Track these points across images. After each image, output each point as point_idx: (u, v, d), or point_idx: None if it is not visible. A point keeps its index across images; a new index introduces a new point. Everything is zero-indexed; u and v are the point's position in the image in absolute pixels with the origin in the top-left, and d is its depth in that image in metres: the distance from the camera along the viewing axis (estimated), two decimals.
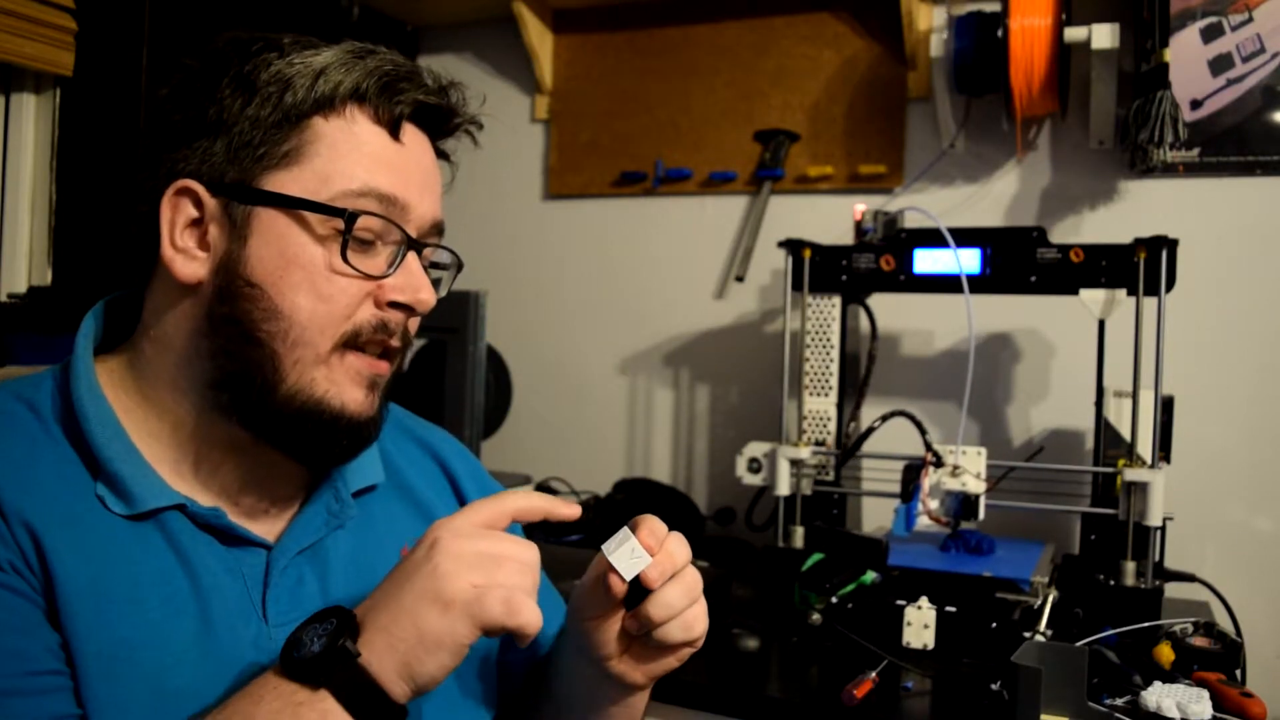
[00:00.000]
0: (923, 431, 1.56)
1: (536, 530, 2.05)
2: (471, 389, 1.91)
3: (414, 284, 0.77)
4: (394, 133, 0.77)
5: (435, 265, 0.85)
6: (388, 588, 0.68)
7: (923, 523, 1.54)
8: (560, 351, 2.33)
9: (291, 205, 0.73)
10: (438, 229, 0.81)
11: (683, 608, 0.76)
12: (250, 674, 0.73)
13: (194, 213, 0.75)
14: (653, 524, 0.76)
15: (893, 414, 1.61)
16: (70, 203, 1.86)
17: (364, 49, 0.77)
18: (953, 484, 1.53)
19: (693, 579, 0.77)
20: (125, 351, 0.80)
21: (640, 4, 2.22)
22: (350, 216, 0.73)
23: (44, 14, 1.71)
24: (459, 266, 0.88)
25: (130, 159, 0.78)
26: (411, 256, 0.78)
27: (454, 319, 1.91)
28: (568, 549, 1.89)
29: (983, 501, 1.53)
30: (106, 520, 0.72)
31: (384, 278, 0.76)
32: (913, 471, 1.56)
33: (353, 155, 0.75)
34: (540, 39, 2.28)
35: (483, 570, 0.66)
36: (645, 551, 0.74)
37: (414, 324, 0.80)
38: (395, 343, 0.78)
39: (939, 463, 1.54)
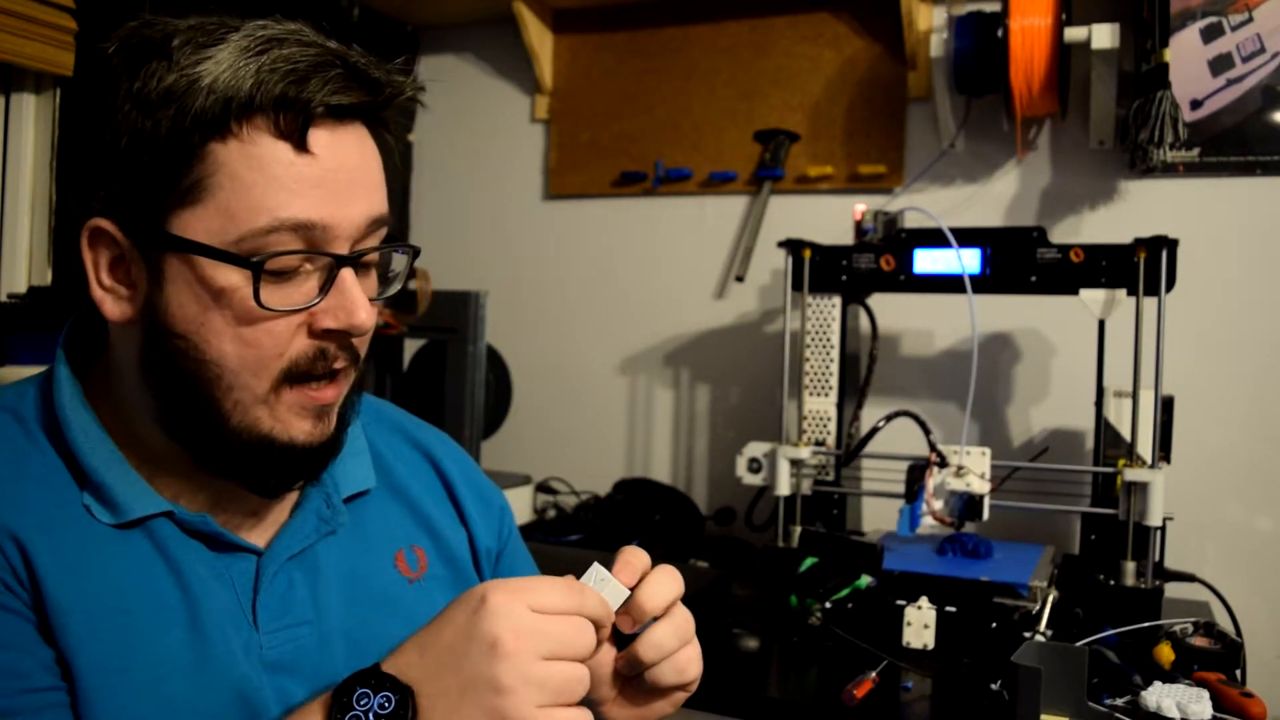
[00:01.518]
0: (927, 432, 1.56)
1: (536, 530, 2.05)
2: (471, 389, 1.91)
3: (347, 307, 0.70)
4: (300, 144, 0.68)
5: (389, 246, 0.77)
6: (441, 673, 0.63)
7: (927, 523, 1.54)
8: (560, 351, 2.33)
9: (194, 252, 0.67)
10: (376, 224, 0.73)
11: (673, 649, 0.73)
12: (242, 682, 0.72)
13: (113, 251, 0.70)
14: (629, 555, 0.72)
15: (897, 414, 1.61)
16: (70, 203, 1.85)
17: (264, 41, 0.67)
18: (957, 484, 1.53)
19: (683, 619, 0.74)
20: (99, 370, 0.78)
21: (640, 4, 2.22)
22: (255, 265, 0.67)
23: (44, 14, 1.71)
24: (415, 253, 0.79)
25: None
26: (345, 274, 0.71)
27: (454, 319, 1.91)
28: (569, 549, 1.90)
29: (987, 502, 1.53)
30: (94, 530, 0.71)
31: (313, 306, 0.70)
32: (917, 472, 1.55)
33: (257, 185, 0.67)
34: (540, 39, 2.28)
35: (551, 693, 0.63)
36: (623, 586, 0.71)
37: (362, 342, 0.75)
38: (339, 365, 0.73)
39: (943, 463, 1.53)
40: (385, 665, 0.65)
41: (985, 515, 1.53)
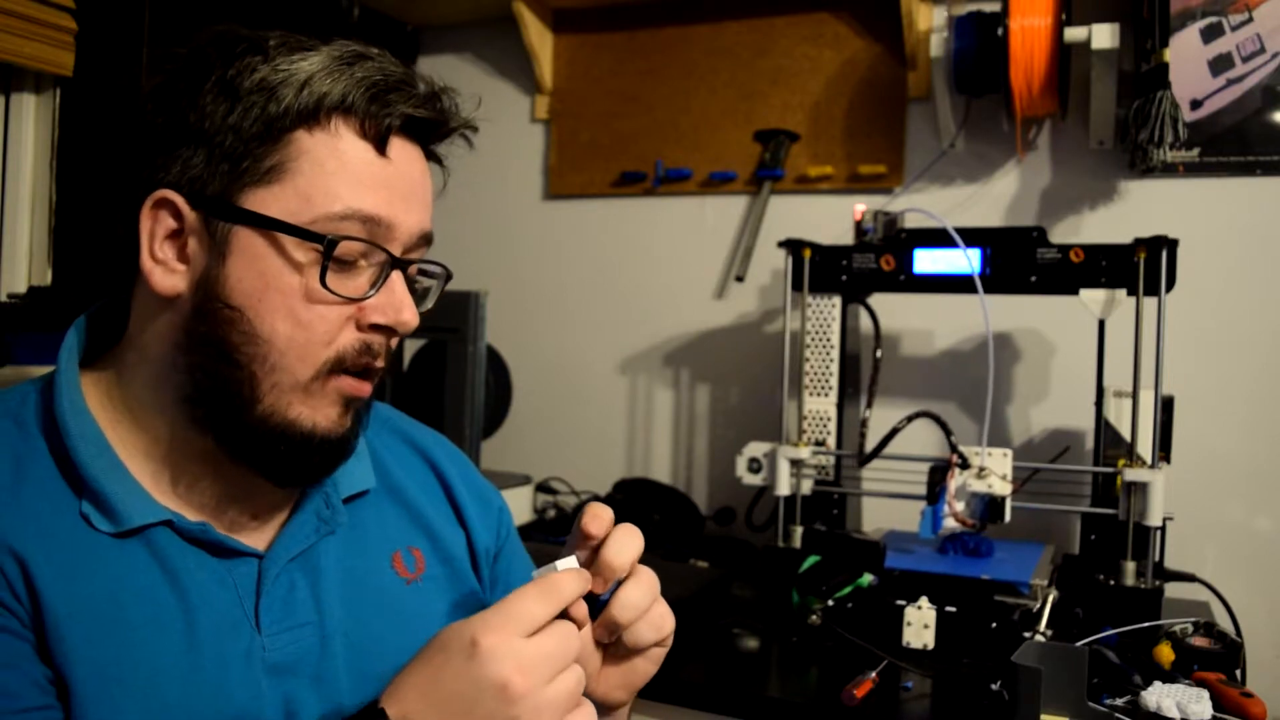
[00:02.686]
0: (948, 433, 1.55)
1: (536, 530, 2.05)
2: (471, 389, 1.91)
3: (396, 305, 0.75)
4: (380, 147, 0.74)
5: (424, 273, 0.83)
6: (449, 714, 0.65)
7: (949, 525, 1.53)
8: (560, 351, 2.33)
9: (270, 227, 0.71)
10: (425, 240, 0.79)
11: (647, 605, 0.76)
12: (238, 689, 0.72)
13: (173, 224, 0.73)
14: (596, 509, 0.76)
15: (918, 415, 1.60)
16: (70, 203, 1.86)
17: (354, 54, 0.74)
18: (978, 486, 1.52)
19: (648, 576, 0.77)
20: (111, 362, 0.78)
21: (640, 4, 2.22)
22: (330, 243, 0.71)
23: (44, 14, 1.71)
24: (447, 276, 0.85)
25: (123, 160, 0.77)
26: (395, 276, 0.75)
27: (454, 319, 1.91)
28: None
29: (1009, 503, 1.52)
30: (91, 539, 0.71)
31: (365, 299, 0.74)
32: (938, 473, 1.55)
33: (337, 174, 0.72)
34: (540, 39, 2.28)
35: (563, 706, 0.67)
36: (571, 560, 0.73)
37: (394, 342, 0.78)
38: (379, 364, 0.77)
39: (965, 464, 1.53)
40: (390, 711, 0.66)
41: (1008, 517, 1.52)
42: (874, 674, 1.28)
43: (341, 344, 0.74)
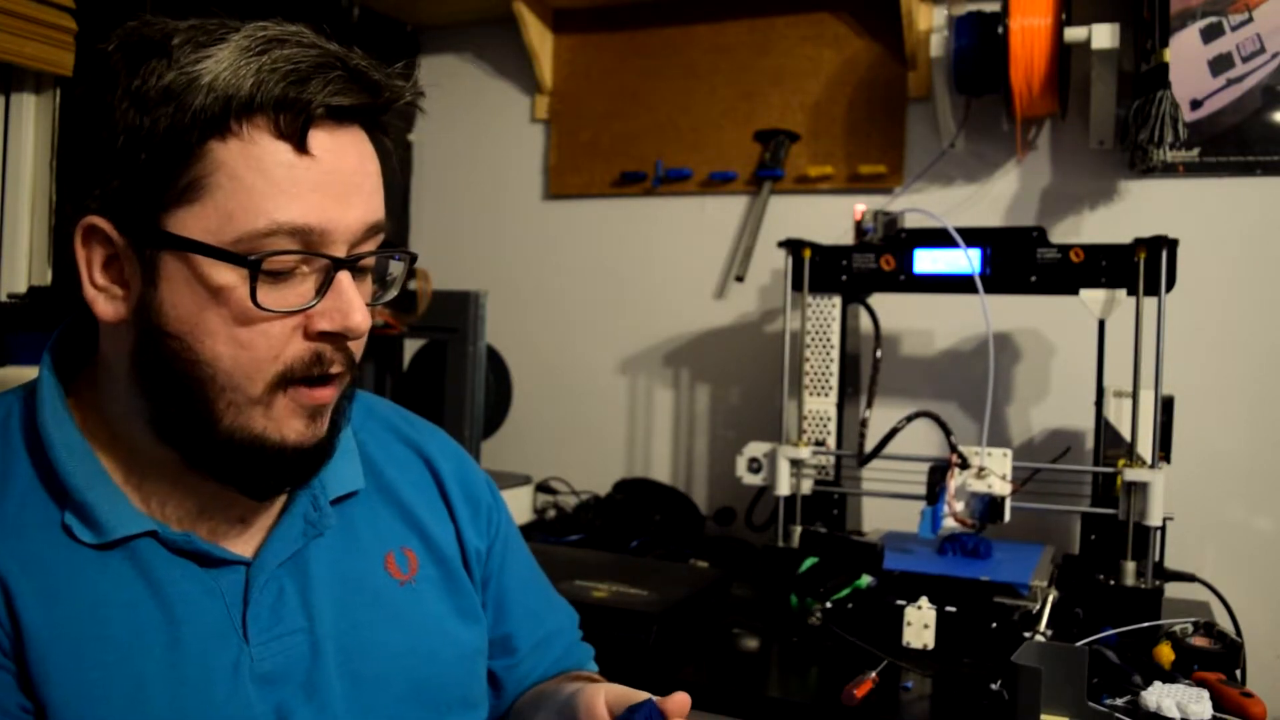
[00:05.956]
0: (948, 433, 1.55)
1: (536, 530, 2.05)
2: (471, 389, 1.91)
3: (344, 309, 0.70)
4: (300, 145, 0.67)
5: (385, 252, 0.77)
6: None
7: (948, 525, 1.53)
8: (560, 351, 2.33)
9: (191, 250, 0.67)
10: (374, 230, 0.73)
11: None
12: (226, 701, 0.71)
13: (107, 250, 0.70)
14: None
15: (917, 414, 1.59)
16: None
17: (264, 41, 0.67)
18: (978, 486, 1.52)
19: None
20: (88, 377, 0.77)
21: (640, 4, 2.22)
22: (253, 263, 0.67)
23: (44, 14, 1.71)
24: (412, 259, 0.80)
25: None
26: (342, 277, 0.70)
27: (454, 319, 1.91)
28: (568, 549, 1.89)
29: (1009, 503, 1.52)
30: (73, 553, 0.70)
31: (309, 307, 0.70)
32: (938, 473, 1.55)
33: (256, 186, 0.66)
34: (540, 39, 2.28)
35: None
36: None
37: (357, 346, 0.74)
38: (336, 370, 0.73)
39: (964, 464, 1.53)
40: None
41: (1007, 517, 1.52)
42: (874, 674, 1.28)
43: (288, 357, 0.70)
